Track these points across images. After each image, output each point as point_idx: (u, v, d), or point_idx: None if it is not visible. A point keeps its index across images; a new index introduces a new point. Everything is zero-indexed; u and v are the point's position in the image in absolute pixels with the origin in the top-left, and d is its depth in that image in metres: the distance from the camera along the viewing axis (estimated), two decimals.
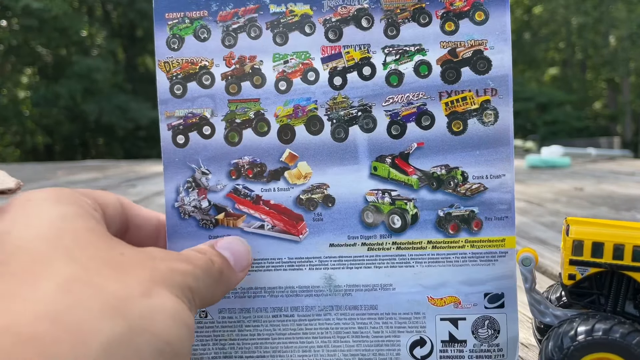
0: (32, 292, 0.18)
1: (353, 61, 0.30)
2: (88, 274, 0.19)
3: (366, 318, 0.30)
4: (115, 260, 0.21)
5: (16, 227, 0.21)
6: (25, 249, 0.20)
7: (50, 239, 0.20)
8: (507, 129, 0.29)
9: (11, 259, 0.19)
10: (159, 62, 0.30)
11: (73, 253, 0.20)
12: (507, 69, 0.29)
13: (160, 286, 0.21)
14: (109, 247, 0.22)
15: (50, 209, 0.22)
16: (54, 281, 0.18)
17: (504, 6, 0.29)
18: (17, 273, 0.19)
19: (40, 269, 0.19)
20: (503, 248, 0.30)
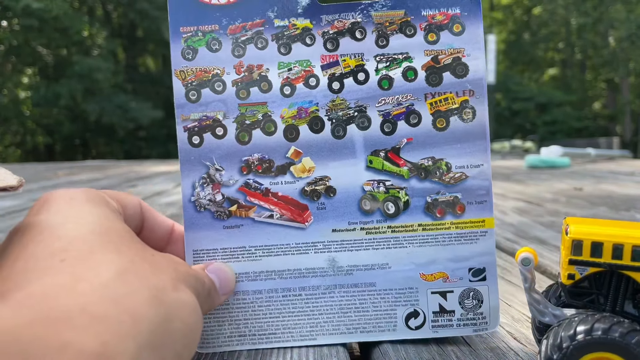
0: (96, 276, 0.20)
1: (349, 68, 0.33)
2: (135, 267, 0.21)
3: (366, 294, 0.33)
4: (150, 258, 0.23)
5: (70, 220, 0.23)
6: (82, 240, 0.22)
7: (101, 233, 0.23)
8: (483, 124, 0.33)
9: (70, 246, 0.21)
10: (175, 70, 0.33)
11: (121, 249, 0.22)
12: (482, 73, 0.33)
13: (182, 284, 0.24)
14: (142, 247, 0.24)
15: (92, 209, 0.24)
16: (112, 270, 0.20)
17: (477, 20, 0.33)
18: (79, 258, 0.20)
19: (98, 257, 0.21)
20: (483, 228, 0.33)
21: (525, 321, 0.38)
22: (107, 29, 9.95)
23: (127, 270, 0.21)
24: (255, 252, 0.33)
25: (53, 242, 0.21)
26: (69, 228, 0.22)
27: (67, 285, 0.19)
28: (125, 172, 2.53)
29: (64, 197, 0.25)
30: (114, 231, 0.23)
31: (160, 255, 0.25)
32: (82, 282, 0.19)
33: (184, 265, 0.26)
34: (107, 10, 10.53)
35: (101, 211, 0.25)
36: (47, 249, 0.21)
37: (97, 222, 0.23)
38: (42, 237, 0.22)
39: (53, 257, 0.20)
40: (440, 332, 0.33)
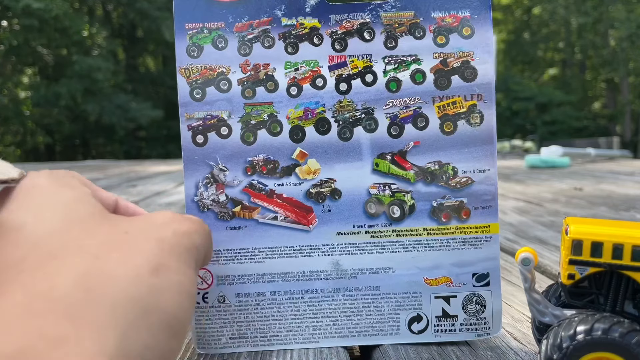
0: (52, 289, 0.18)
1: (357, 69, 0.33)
2: (99, 263, 0.19)
3: (369, 298, 0.33)
4: (121, 240, 0.21)
5: (29, 219, 0.21)
6: (41, 245, 0.20)
7: (62, 231, 0.21)
8: (491, 129, 0.33)
9: (29, 254, 0.19)
10: (179, 68, 0.32)
11: (83, 243, 0.20)
12: (490, 77, 0.32)
13: (168, 256, 0.21)
14: (112, 227, 0.22)
15: (55, 197, 0.22)
16: (70, 277, 0.18)
17: (487, 23, 0.32)
18: (38, 268, 0.19)
19: (58, 264, 0.19)
20: (488, 233, 0.33)
21: (525, 321, 0.38)
22: (107, 29, 9.94)
23: (89, 272, 0.19)
24: (259, 254, 0.33)
25: (12, 250, 0.20)
26: (29, 230, 0.21)
27: (23, 306, 0.17)
28: (125, 172, 2.53)
29: (26, 186, 0.23)
30: (76, 223, 0.21)
31: (137, 225, 0.22)
32: (37, 299, 0.17)
33: (173, 222, 0.23)
34: (107, 10, 10.53)
35: (64, 198, 0.22)
36: (6, 259, 0.19)
37: (58, 216, 0.21)
38: (1, 244, 0.20)
39: (11, 269, 0.19)
40: (442, 336, 0.33)
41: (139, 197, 1.37)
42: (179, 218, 0.24)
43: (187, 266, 0.22)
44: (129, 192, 1.50)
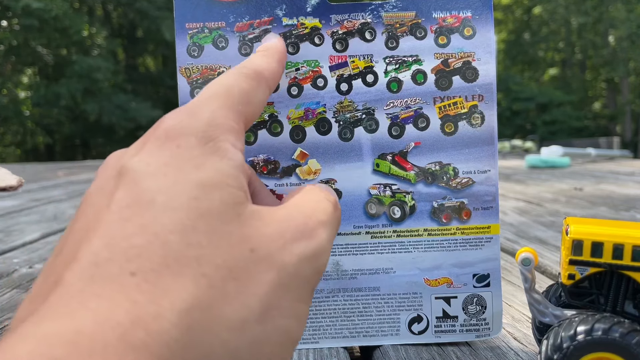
0: (155, 319, 0.14)
1: (358, 69, 0.32)
2: (211, 295, 0.15)
3: (370, 298, 0.33)
4: (243, 264, 0.17)
5: (159, 198, 0.16)
6: (160, 245, 0.16)
7: (184, 229, 0.16)
8: (492, 130, 0.32)
9: (145, 253, 0.15)
10: (180, 68, 0.32)
11: (202, 257, 0.16)
12: (492, 78, 0.32)
13: (283, 294, 0.17)
14: (241, 239, 0.17)
15: (190, 174, 0.17)
16: (177, 307, 0.15)
17: (488, 23, 0.32)
18: (149, 279, 0.15)
19: (169, 281, 0.15)
20: (489, 234, 0.33)
21: (526, 321, 0.38)
22: (107, 28, 9.94)
23: (195, 308, 0.15)
24: None
25: (130, 238, 0.16)
26: (154, 216, 0.16)
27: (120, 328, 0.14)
28: None
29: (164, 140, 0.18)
30: (209, 212, 0.17)
31: (267, 243, 0.17)
32: (137, 328, 0.14)
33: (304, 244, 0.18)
34: (107, 10, 10.53)
35: (207, 173, 0.18)
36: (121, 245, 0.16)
37: (191, 197, 0.17)
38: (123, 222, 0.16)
39: (125, 263, 0.15)
40: (443, 337, 0.33)
41: None
42: (315, 224, 0.19)
43: (302, 301, 0.18)
44: None
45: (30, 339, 0.13)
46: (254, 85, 0.23)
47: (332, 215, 0.21)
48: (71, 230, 0.18)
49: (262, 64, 0.25)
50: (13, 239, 0.78)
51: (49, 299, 0.15)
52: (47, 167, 3.15)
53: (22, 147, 9.89)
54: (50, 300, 0.15)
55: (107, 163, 0.20)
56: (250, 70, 0.23)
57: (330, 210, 0.21)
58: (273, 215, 0.19)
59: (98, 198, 0.18)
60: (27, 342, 0.13)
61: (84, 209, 0.18)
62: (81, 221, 0.18)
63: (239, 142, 0.20)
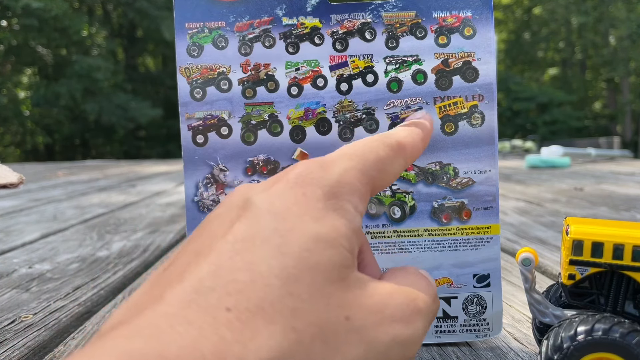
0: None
1: (358, 69, 0.32)
2: (295, 351, 0.15)
3: None
4: (335, 328, 0.16)
5: (273, 261, 0.16)
6: (261, 286, 0.15)
7: (290, 280, 0.16)
8: (492, 130, 0.32)
9: (243, 298, 0.15)
10: (179, 67, 0.32)
11: (296, 314, 0.15)
12: (492, 78, 0.32)
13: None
14: (339, 304, 0.17)
15: (311, 226, 0.17)
16: (261, 353, 0.14)
17: (488, 23, 0.32)
18: (242, 319, 0.15)
19: (258, 327, 0.15)
20: (489, 234, 0.33)
21: (526, 321, 0.38)
22: (107, 28, 9.94)
23: (277, 358, 0.15)
24: None
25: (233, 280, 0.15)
26: (265, 271, 0.16)
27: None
28: (125, 172, 2.53)
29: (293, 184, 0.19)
30: (307, 275, 0.16)
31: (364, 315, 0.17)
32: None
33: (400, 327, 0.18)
34: (107, 10, 10.52)
35: (323, 228, 0.18)
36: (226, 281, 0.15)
37: (301, 249, 0.17)
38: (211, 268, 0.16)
39: (224, 298, 0.15)
40: (443, 337, 0.33)
41: (139, 197, 1.37)
42: (412, 310, 0.19)
43: None
44: (128, 192, 1.50)
45: (117, 352, 0.13)
46: (392, 156, 0.23)
47: (431, 308, 0.20)
48: (184, 248, 0.18)
49: (406, 137, 0.25)
50: (12, 239, 0.78)
51: (144, 314, 0.15)
52: (47, 167, 3.15)
53: (21, 147, 9.89)
54: (145, 315, 0.15)
55: (236, 191, 0.20)
56: (393, 140, 0.24)
57: (430, 302, 0.20)
58: (376, 288, 0.18)
59: (217, 224, 0.18)
60: (112, 355, 0.13)
61: (201, 232, 0.19)
62: (196, 243, 0.18)
63: (362, 205, 0.20)
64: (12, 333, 0.38)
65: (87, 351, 0.14)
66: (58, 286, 0.51)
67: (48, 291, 0.50)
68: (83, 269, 0.59)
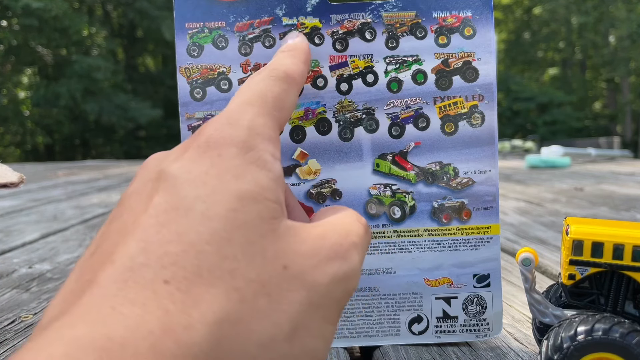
0: (186, 329, 0.14)
1: (358, 69, 0.32)
2: (242, 309, 0.15)
3: (370, 299, 0.33)
4: (275, 280, 0.16)
5: (197, 206, 0.16)
6: (195, 252, 0.16)
7: (219, 241, 0.16)
8: (492, 130, 0.32)
9: (180, 260, 0.15)
10: (179, 67, 0.32)
11: (235, 270, 0.16)
12: (492, 78, 0.32)
13: (311, 314, 0.17)
14: (275, 255, 0.17)
15: (229, 185, 0.17)
16: (208, 319, 0.15)
17: (489, 23, 0.32)
18: (181, 287, 0.15)
19: (202, 291, 0.15)
20: (489, 234, 0.33)
21: (526, 321, 0.38)
22: (107, 28, 9.94)
23: (226, 321, 0.15)
24: None
25: (166, 243, 0.16)
26: (190, 224, 0.16)
27: (151, 337, 0.14)
28: (125, 172, 2.53)
29: (206, 149, 0.18)
30: (245, 224, 0.17)
31: (300, 260, 0.17)
32: (167, 338, 0.14)
33: (338, 264, 0.18)
34: (107, 10, 10.53)
35: (246, 184, 0.17)
36: (158, 249, 0.16)
37: (229, 209, 0.17)
38: (162, 225, 0.16)
39: (160, 260, 0.15)
40: (443, 337, 0.33)
41: None
42: (348, 246, 0.19)
43: (330, 322, 0.18)
44: None
45: (64, 341, 0.13)
46: (285, 89, 0.22)
47: (364, 238, 0.20)
48: (107, 230, 0.18)
49: (290, 65, 0.24)
50: (13, 239, 0.78)
51: (82, 300, 0.15)
52: (47, 167, 3.15)
53: (21, 147, 9.89)
54: (84, 301, 0.15)
55: (146, 165, 0.20)
56: (280, 72, 0.23)
57: (362, 232, 0.20)
58: (308, 233, 0.18)
59: (136, 200, 0.18)
60: (60, 345, 0.13)
61: (120, 210, 0.18)
62: (118, 222, 0.18)
63: (277, 151, 0.20)
64: (12, 333, 0.38)
65: (33, 345, 0.13)
66: (58, 286, 0.51)
67: (48, 291, 0.50)
68: None
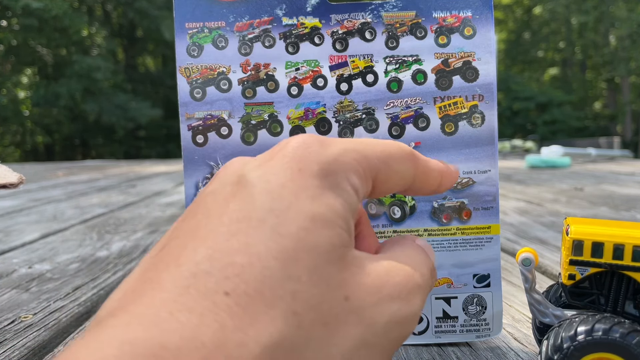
0: (238, 347, 0.14)
1: (358, 69, 0.32)
2: (296, 336, 0.15)
3: None
4: (335, 311, 0.16)
5: (266, 223, 0.16)
6: (260, 269, 0.15)
7: (288, 261, 0.16)
8: (492, 130, 0.32)
9: (241, 282, 0.15)
10: (179, 67, 0.32)
11: (296, 297, 0.15)
12: (492, 78, 0.32)
13: (364, 355, 0.17)
14: (338, 284, 0.16)
15: (306, 204, 0.17)
16: (263, 339, 0.14)
17: (489, 23, 0.32)
18: (233, 311, 0.14)
19: (259, 311, 0.15)
20: (489, 234, 0.33)
21: (526, 321, 0.38)
22: (107, 28, 9.94)
23: (280, 346, 0.14)
24: None
25: (221, 265, 0.15)
26: (251, 242, 0.16)
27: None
28: (125, 172, 2.53)
29: (283, 163, 0.18)
30: (305, 257, 0.16)
31: (363, 296, 0.17)
32: (219, 352, 0.14)
33: (398, 305, 0.18)
34: (107, 10, 10.53)
35: (318, 207, 0.17)
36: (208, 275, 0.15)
37: (297, 228, 0.16)
38: (208, 252, 0.16)
39: (214, 293, 0.15)
40: (443, 337, 0.33)
41: (139, 197, 1.37)
42: (413, 287, 0.19)
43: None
44: (128, 192, 1.50)
45: (117, 344, 0.13)
46: (402, 156, 0.21)
47: (428, 282, 0.20)
48: (178, 228, 0.18)
49: (422, 157, 0.22)
50: (12, 239, 0.78)
51: (143, 300, 0.15)
52: (47, 167, 3.15)
53: (21, 147, 9.89)
54: (143, 301, 0.15)
55: (228, 167, 0.19)
56: (408, 148, 0.22)
57: (428, 276, 0.20)
58: (374, 266, 0.18)
59: (212, 202, 0.18)
60: (113, 347, 0.13)
61: (195, 209, 0.18)
62: (190, 222, 0.17)
63: (361, 185, 0.19)
64: (12, 333, 0.38)
65: (87, 341, 0.13)
66: (58, 286, 0.51)
67: (48, 291, 0.50)
68: (83, 269, 0.59)
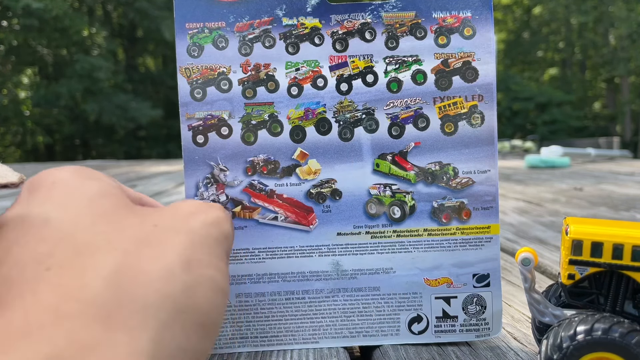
0: (82, 289, 0.17)
1: (358, 69, 0.33)
2: (129, 259, 0.18)
3: (370, 298, 0.33)
4: (150, 234, 0.20)
5: (53, 214, 0.20)
6: (67, 240, 0.18)
7: (88, 226, 0.19)
8: (492, 130, 0.32)
9: (55, 251, 0.18)
10: (180, 68, 0.32)
11: (111, 238, 0.19)
12: (491, 78, 0.32)
13: (199, 250, 0.20)
14: (140, 220, 0.20)
15: (79, 191, 0.21)
16: (100, 276, 0.17)
17: (488, 23, 0.32)
18: (65, 265, 0.18)
19: (85, 262, 0.18)
20: (489, 234, 0.33)
21: (526, 321, 0.38)
22: (107, 28, 9.94)
23: (119, 270, 0.18)
24: (259, 254, 0.33)
25: (37, 245, 0.18)
26: (54, 225, 0.19)
27: (51, 307, 0.16)
28: (125, 172, 2.53)
29: (48, 182, 0.22)
30: (101, 216, 0.20)
31: (166, 217, 0.21)
32: (67, 300, 0.16)
33: (201, 213, 0.22)
34: (107, 10, 10.53)
35: (90, 188, 0.21)
36: (32, 255, 0.18)
37: (85, 206, 0.20)
38: (26, 239, 0.19)
39: (38, 265, 0.18)
40: (442, 337, 0.33)
41: None
42: (205, 207, 0.23)
43: (219, 259, 0.21)
44: None
45: None
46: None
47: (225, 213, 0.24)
48: None
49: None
50: None
51: None
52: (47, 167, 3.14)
53: (22, 147, 9.89)
54: None
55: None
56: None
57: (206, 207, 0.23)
58: (163, 208, 0.22)
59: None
60: None
61: None
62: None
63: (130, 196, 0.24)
64: None
65: None
66: None
67: None
68: None
